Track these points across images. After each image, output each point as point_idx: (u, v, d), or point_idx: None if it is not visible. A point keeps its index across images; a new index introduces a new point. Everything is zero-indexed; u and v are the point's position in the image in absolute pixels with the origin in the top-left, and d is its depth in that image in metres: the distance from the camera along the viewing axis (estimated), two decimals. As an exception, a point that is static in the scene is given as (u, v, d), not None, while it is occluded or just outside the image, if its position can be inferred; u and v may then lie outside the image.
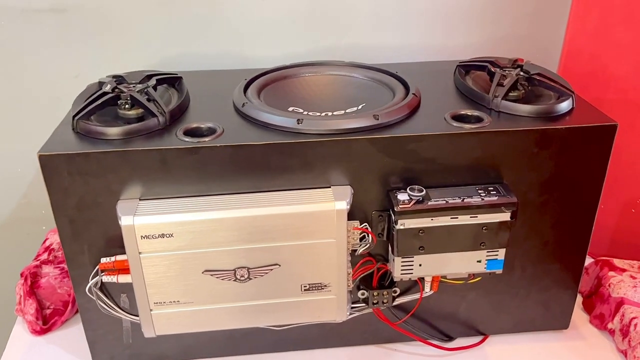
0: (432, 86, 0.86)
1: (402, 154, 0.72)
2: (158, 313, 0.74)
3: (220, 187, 0.72)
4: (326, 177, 0.73)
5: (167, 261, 0.71)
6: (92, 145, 0.70)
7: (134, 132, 0.72)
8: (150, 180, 0.71)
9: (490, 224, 0.73)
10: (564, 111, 0.76)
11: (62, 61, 1.00)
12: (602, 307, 0.89)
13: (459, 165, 0.74)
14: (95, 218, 0.72)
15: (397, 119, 0.75)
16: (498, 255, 0.75)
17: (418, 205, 0.71)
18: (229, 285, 0.73)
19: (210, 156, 0.70)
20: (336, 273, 0.74)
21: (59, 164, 0.68)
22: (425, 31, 1.05)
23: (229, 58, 1.03)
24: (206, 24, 1.00)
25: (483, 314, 0.86)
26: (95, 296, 0.75)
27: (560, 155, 0.74)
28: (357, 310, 0.81)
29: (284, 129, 0.72)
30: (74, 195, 0.70)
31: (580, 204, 0.78)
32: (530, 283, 0.84)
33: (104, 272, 0.74)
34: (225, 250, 0.71)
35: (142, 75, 0.81)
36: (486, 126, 0.73)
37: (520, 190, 0.75)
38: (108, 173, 0.70)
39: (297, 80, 0.88)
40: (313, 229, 0.71)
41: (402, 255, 0.74)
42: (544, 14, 1.07)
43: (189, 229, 0.69)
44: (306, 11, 1.01)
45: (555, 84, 0.79)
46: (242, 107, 0.77)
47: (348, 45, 1.04)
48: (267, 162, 0.71)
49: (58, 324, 0.90)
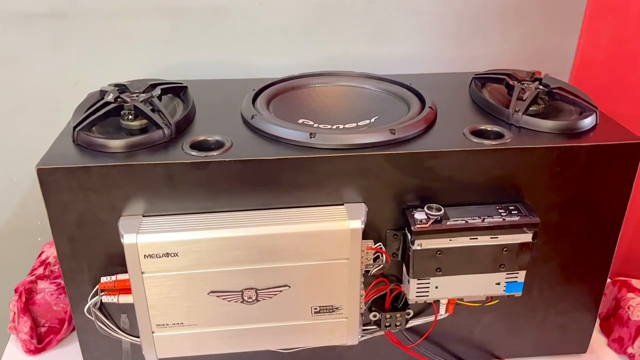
0: (447, 99, 0.83)
1: (419, 171, 0.69)
2: (160, 335, 0.70)
3: (228, 204, 0.68)
4: (339, 194, 0.69)
5: (172, 281, 0.67)
6: (93, 159, 0.66)
7: (138, 144, 0.68)
8: (154, 196, 0.67)
9: (511, 245, 0.69)
10: (587, 127, 0.73)
11: (61, 68, 0.96)
12: (621, 330, 0.86)
13: (477, 183, 0.71)
14: (95, 235, 0.68)
15: (414, 134, 0.71)
16: (518, 277, 0.72)
17: (436, 225, 0.68)
18: (236, 307, 0.69)
19: (218, 171, 0.66)
20: (348, 295, 0.70)
21: (59, 178, 0.65)
22: (437, 42, 1.02)
23: (235, 67, 0.99)
24: (211, 31, 0.97)
25: (499, 337, 0.82)
26: (94, 317, 0.72)
27: (583, 174, 0.71)
28: (368, 333, 0.78)
29: (295, 143, 0.69)
30: (74, 212, 0.67)
31: (603, 224, 0.75)
32: (548, 306, 0.80)
33: (103, 292, 0.70)
34: (233, 270, 0.67)
35: (145, 84, 0.78)
36: (507, 142, 0.70)
37: (541, 209, 0.72)
38: (110, 188, 0.66)
39: (307, 91, 0.85)
40: (325, 249, 0.67)
41: (418, 277, 0.70)
42: (556, 25, 1.04)
43: (195, 248, 0.65)
44: (314, 19, 0.98)
45: (577, 98, 0.76)
46: (251, 120, 0.73)
47: (357, 55, 1.01)
48: (277, 177, 0.68)
49: (53, 342, 0.86)
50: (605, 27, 1.03)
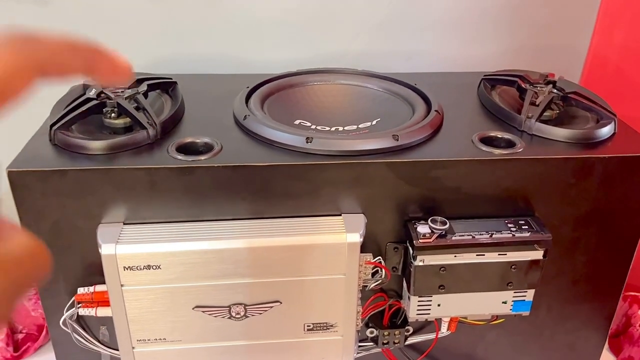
0: (454, 101, 0.77)
1: (423, 180, 0.64)
2: (141, 351, 0.65)
3: (216, 212, 0.63)
4: (337, 203, 0.64)
5: (153, 295, 0.62)
6: (70, 161, 0.61)
7: (120, 146, 0.63)
8: (136, 203, 0.62)
9: (520, 262, 0.64)
10: (605, 137, 0.68)
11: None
12: (632, 349, 0.81)
13: (486, 195, 0.66)
14: (72, 244, 0.63)
15: (419, 140, 0.66)
16: (526, 296, 0.67)
17: (440, 240, 0.63)
18: (223, 323, 0.64)
19: (206, 177, 0.61)
20: (344, 312, 0.66)
21: (32, 182, 0.60)
22: (442, 39, 0.96)
23: (230, 61, 0.94)
24: (205, 23, 0.91)
25: (503, 356, 0.77)
26: (71, 329, 0.67)
27: (599, 187, 0.66)
28: (364, 350, 0.73)
29: (290, 148, 0.64)
30: (49, 218, 0.62)
31: (618, 241, 0.70)
32: (556, 323, 0.75)
33: (80, 304, 0.65)
34: (220, 284, 0.62)
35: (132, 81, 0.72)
36: (519, 152, 0.65)
37: (553, 224, 0.67)
38: (88, 194, 0.61)
39: (304, 89, 0.79)
40: (320, 263, 0.62)
41: (420, 294, 0.65)
42: (567, 23, 0.99)
43: (179, 260, 0.60)
44: (314, 12, 0.92)
45: (594, 104, 0.71)
46: (243, 120, 0.68)
47: (358, 52, 0.96)
48: (270, 185, 0.62)
49: (30, 351, 0.81)
50: (619, 26, 0.98)
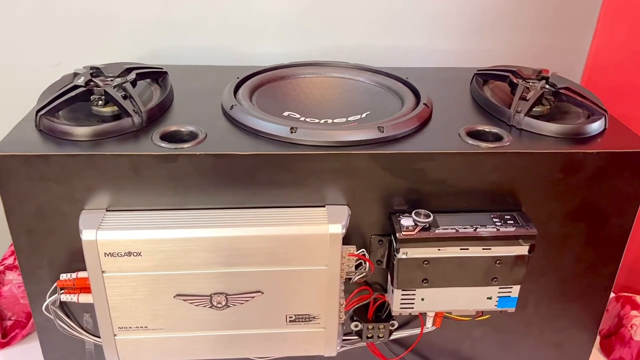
0: (445, 95, 0.77)
1: (408, 173, 0.63)
2: (123, 339, 0.65)
3: (199, 201, 0.63)
4: (321, 194, 0.64)
5: (134, 282, 0.62)
6: (55, 147, 0.61)
7: (105, 133, 0.63)
8: (119, 189, 0.62)
9: (504, 257, 0.64)
10: (594, 132, 0.67)
11: (43, 47, 0.91)
12: (622, 350, 0.80)
13: (472, 189, 0.65)
14: (56, 229, 0.63)
15: (405, 133, 0.66)
16: (511, 292, 0.66)
17: (424, 232, 0.62)
18: (204, 312, 0.64)
19: (188, 165, 0.61)
20: (326, 304, 0.65)
21: (16, 167, 0.60)
22: (440, 34, 0.96)
23: (225, 53, 0.94)
24: (201, 15, 0.92)
25: (489, 353, 0.77)
26: (54, 315, 0.67)
27: (588, 183, 0.65)
28: (349, 344, 0.73)
29: (275, 138, 0.64)
30: (33, 203, 0.62)
31: (608, 238, 0.69)
32: (544, 322, 0.75)
33: (62, 290, 0.65)
34: (201, 273, 0.62)
35: (121, 67, 0.72)
36: (506, 146, 0.64)
37: (540, 219, 0.66)
38: (72, 179, 0.61)
39: (295, 81, 0.79)
40: (302, 254, 0.62)
41: (403, 287, 0.65)
42: (568, 22, 0.98)
43: (160, 247, 0.60)
44: (311, 6, 0.92)
45: (585, 100, 0.70)
46: (230, 110, 0.68)
47: (355, 46, 0.95)
48: (253, 174, 0.62)
49: (18, 337, 0.81)
50: (621, 25, 0.97)
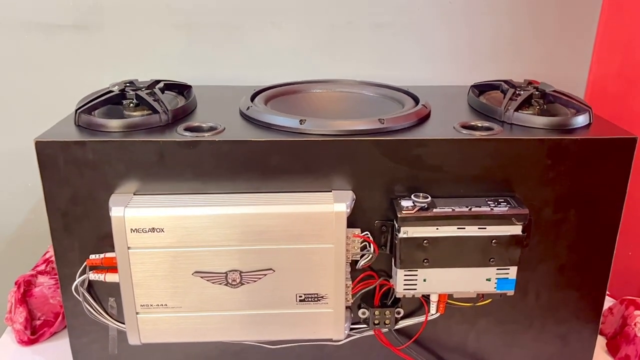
0: (444, 103, 0.84)
1: (407, 159, 0.69)
2: (145, 317, 0.70)
3: (217, 187, 0.69)
4: (328, 180, 0.70)
5: (157, 259, 0.67)
6: (90, 136, 0.69)
7: (135, 125, 0.71)
8: (146, 175, 0.69)
9: (500, 237, 0.68)
10: (580, 125, 0.73)
11: (80, 77, 1.01)
12: (628, 348, 0.82)
13: (467, 175, 0.70)
14: (88, 213, 0.70)
15: (404, 125, 0.72)
16: (509, 274, 0.70)
17: (422, 212, 0.68)
18: (220, 290, 0.69)
19: (208, 151, 0.68)
20: (334, 283, 0.70)
21: (55, 152, 0.67)
22: (446, 67, 1.03)
23: (245, 82, 1.02)
24: (223, 48, 1.01)
25: (494, 346, 0.79)
26: (82, 297, 0.72)
27: (575, 170, 0.70)
28: (357, 332, 0.76)
29: (286, 129, 0.71)
30: (69, 187, 0.69)
31: (600, 224, 0.73)
32: (546, 312, 0.77)
33: (92, 269, 0.71)
34: (217, 250, 0.67)
35: (151, 81, 0.81)
36: (497, 134, 0.70)
37: (534, 206, 0.71)
38: (104, 164, 0.68)
39: (306, 95, 0.87)
40: (310, 232, 0.67)
41: (405, 267, 0.69)
42: (565, 55, 1.05)
43: (181, 224, 0.66)
44: (324, 40, 1.01)
45: (571, 99, 0.77)
46: (246, 110, 0.75)
47: (365, 77, 1.02)
48: (266, 161, 0.69)
49: (46, 335, 0.86)
50: (615, 56, 1.03)
